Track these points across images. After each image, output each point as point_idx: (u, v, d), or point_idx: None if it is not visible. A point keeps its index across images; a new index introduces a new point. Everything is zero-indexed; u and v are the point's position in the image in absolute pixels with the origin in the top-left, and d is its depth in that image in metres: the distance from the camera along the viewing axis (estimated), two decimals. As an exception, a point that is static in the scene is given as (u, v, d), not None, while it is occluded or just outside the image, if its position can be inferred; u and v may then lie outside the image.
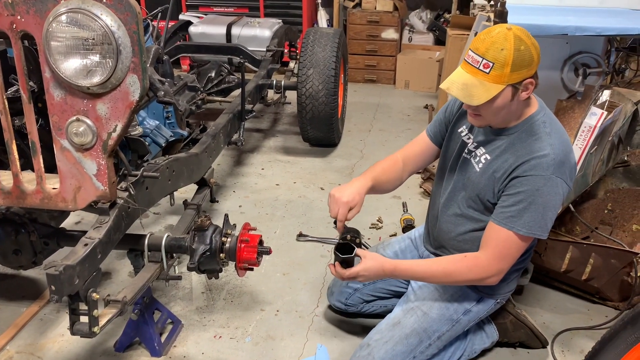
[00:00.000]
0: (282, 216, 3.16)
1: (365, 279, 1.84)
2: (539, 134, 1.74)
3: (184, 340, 2.24)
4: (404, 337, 1.91)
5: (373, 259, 1.82)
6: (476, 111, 1.74)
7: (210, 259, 1.97)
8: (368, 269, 1.80)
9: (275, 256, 2.76)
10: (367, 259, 1.81)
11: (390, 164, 2.11)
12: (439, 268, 1.82)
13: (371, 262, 1.81)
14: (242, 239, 1.96)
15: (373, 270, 1.81)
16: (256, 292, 2.53)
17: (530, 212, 1.69)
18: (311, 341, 2.25)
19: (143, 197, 1.90)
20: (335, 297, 2.32)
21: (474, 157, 1.89)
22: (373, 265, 1.81)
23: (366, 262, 1.81)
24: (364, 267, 1.80)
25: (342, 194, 1.93)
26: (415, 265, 1.86)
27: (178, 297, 2.49)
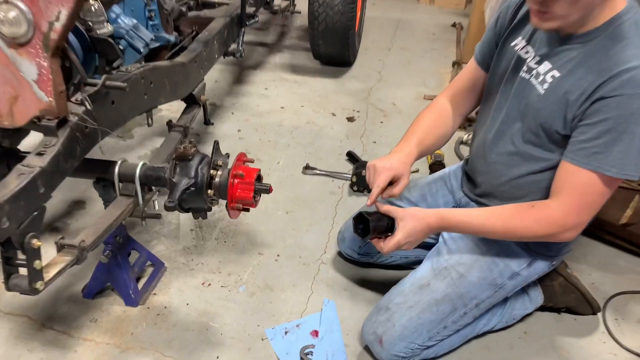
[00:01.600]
0: (286, 144, 2.74)
1: (412, 245, 1.46)
2: (629, 38, 1.26)
3: (166, 287, 1.89)
4: (434, 304, 1.54)
5: (413, 217, 1.43)
6: (544, 6, 1.25)
7: (195, 196, 1.57)
8: (411, 232, 1.42)
9: (278, 191, 2.37)
10: (406, 219, 1.42)
11: (434, 117, 1.68)
12: (498, 221, 1.42)
13: (412, 221, 1.42)
14: (236, 173, 1.55)
15: (417, 230, 1.42)
16: (254, 232, 2.16)
17: (621, 145, 1.26)
18: (317, 294, 1.89)
19: (107, 114, 1.47)
20: (348, 245, 1.94)
21: (535, 76, 1.43)
22: (415, 225, 1.42)
23: (406, 223, 1.42)
24: (406, 232, 1.42)
25: (383, 162, 1.55)
26: (467, 217, 1.45)
27: (162, 235, 2.12)
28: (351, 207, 2.31)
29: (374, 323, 1.60)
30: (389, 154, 1.56)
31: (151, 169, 1.63)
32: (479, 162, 1.61)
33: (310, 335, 1.74)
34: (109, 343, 1.69)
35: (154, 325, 1.75)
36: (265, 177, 2.52)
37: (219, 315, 1.79)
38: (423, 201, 1.80)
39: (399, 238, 1.42)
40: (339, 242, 1.99)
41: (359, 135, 2.85)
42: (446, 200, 1.77)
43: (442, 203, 1.78)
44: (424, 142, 1.59)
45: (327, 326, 1.76)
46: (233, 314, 1.80)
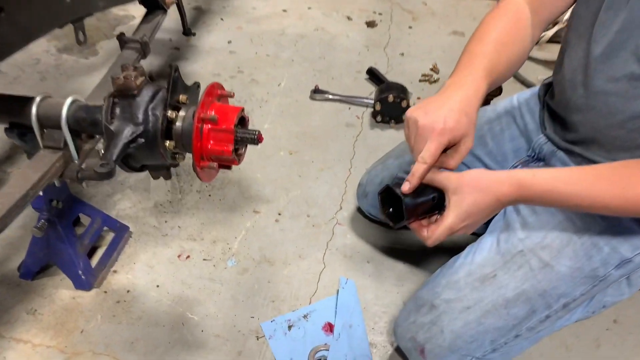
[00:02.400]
0: (289, 59, 2.15)
1: (472, 228, 0.94)
2: None
3: (130, 261, 1.42)
4: (502, 304, 1.05)
5: (475, 188, 0.90)
6: None
7: (145, 151, 1.06)
8: (470, 211, 0.90)
9: (279, 124, 1.83)
10: (463, 191, 0.90)
11: (508, 25, 1.07)
12: (612, 187, 0.89)
13: (472, 194, 0.90)
14: (206, 116, 1.02)
15: (481, 207, 0.90)
16: (247, 181, 1.65)
17: None
18: (331, 269, 1.42)
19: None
20: (371, 202, 1.44)
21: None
22: (478, 200, 0.90)
23: (462, 198, 0.90)
24: (463, 211, 0.90)
25: (432, 116, 0.93)
26: (562, 183, 0.91)
27: (127, 186, 1.62)
28: (374, 144, 1.78)
29: (413, 325, 1.12)
30: (441, 94, 0.97)
31: (84, 109, 1.10)
32: (576, 93, 1.05)
33: (323, 331, 1.28)
34: (50, 346, 1.24)
35: (112, 319, 1.29)
36: (263, 104, 1.99)
37: (200, 302, 1.33)
38: (480, 146, 1.26)
39: (452, 222, 0.90)
40: (360, 197, 1.48)
41: (381, 45, 2.25)
42: (516, 145, 1.23)
43: (509, 150, 1.24)
44: (495, 69, 1.01)
45: (345, 317, 1.30)
46: (219, 300, 1.34)
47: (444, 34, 2.31)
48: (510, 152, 1.23)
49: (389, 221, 0.96)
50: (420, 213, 0.93)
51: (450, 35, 2.31)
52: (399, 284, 1.38)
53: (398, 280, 1.39)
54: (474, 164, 1.27)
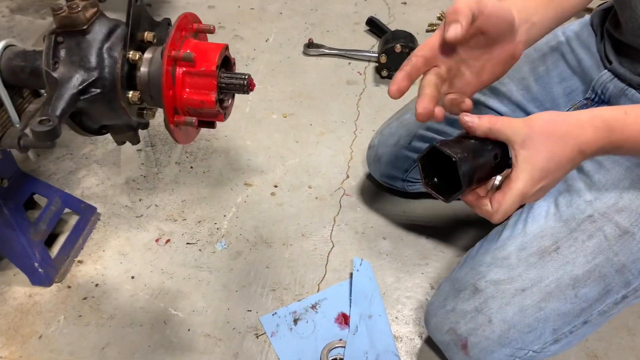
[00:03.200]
0: (277, 12, 1.89)
1: (547, 191, 0.69)
2: None
3: (98, 249, 1.18)
4: (570, 284, 0.83)
5: (551, 135, 0.65)
6: None
7: (102, 105, 0.81)
8: (547, 169, 0.65)
9: (269, 84, 1.58)
10: (534, 141, 0.65)
11: None
12: None
13: (548, 144, 0.65)
14: (178, 55, 0.77)
15: (561, 162, 0.66)
16: (236, 150, 1.41)
17: None
18: (340, 249, 1.19)
19: None
20: (385, 167, 1.20)
21: None
22: (555, 152, 0.65)
23: (535, 152, 0.65)
24: (538, 170, 0.65)
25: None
26: None
27: (94, 160, 1.37)
28: (381, 102, 1.54)
29: (451, 313, 0.90)
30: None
31: (22, 56, 0.85)
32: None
33: (337, 324, 1.05)
34: (1, 357, 1.01)
35: (77, 320, 1.06)
36: (249, 61, 1.73)
37: (185, 294, 1.10)
38: (522, 91, 1.02)
39: (524, 185, 0.65)
40: (371, 161, 1.24)
41: (380, -6, 1.99)
42: (569, 87, 0.99)
43: (560, 93, 1.00)
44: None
45: (362, 306, 1.07)
46: (208, 291, 1.10)
47: (448, -21, 2.06)
48: (561, 96, 0.99)
49: (437, 195, 0.70)
50: (478, 179, 0.68)
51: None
52: (423, 262, 1.16)
53: (422, 259, 1.16)
54: (515, 113, 1.04)
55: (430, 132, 1.12)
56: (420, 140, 1.13)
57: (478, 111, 1.07)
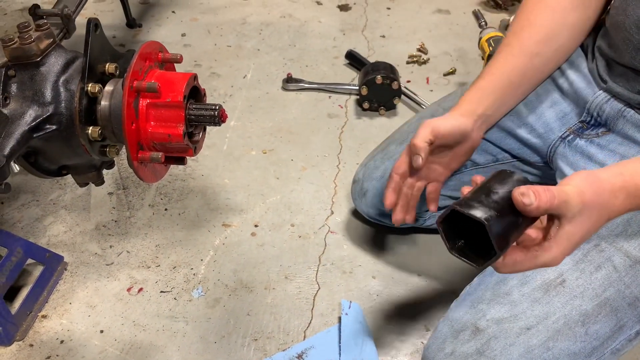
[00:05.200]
0: (254, 49, 1.85)
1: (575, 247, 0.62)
2: None
3: (64, 301, 1.08)
4: (579, 321, 0.76)
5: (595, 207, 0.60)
6: None
7: (59, 142, 0.74)
8: (579, 243, 0.61)
9: (247, 120, 1.53)
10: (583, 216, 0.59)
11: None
12: None
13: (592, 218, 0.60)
14: (140, 87, 0.70)
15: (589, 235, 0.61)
16: (213, 188, 1.33)
17: None
18: (327, 291, 1.10)
19: None
20: (371, 201, 1.13)
21: None
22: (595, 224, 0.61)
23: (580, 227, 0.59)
24: (573, 244, 0.60)
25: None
26: None
27: (62, 205, 1.29)
28: (364, 135, 1.49)
29: (450, 357, 0.82)
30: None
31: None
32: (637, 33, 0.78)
33: (325, 375, 0.96)
34: None
35: (38, 383, 0.95)
36: (227, 98, 1.67)
37: (159, 348, 1.00)
38: (514, 117, 0.97)
39: (551, 259, 0.60)
40: (356, 196, 1.17)
41: (358, 28, 1.97)
42: (561, 111, 0.94)
43: (553, 118, 0.94)
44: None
45: (354, 352, 0.98)
46: (184, 343, 1.01)
47: (427, 13, 2.05)
48: (554, 120, 0.94)
49: (469, 262, 0.61)
50: (510, 244, 0.60)
51: (434, 14, 2.05)
52: (417, 302, 1.08)
53: (415, 298, 1.09)
54: (506, 140, 0.99)
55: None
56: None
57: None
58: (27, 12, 1.59)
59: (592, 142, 0.87)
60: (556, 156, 0.93)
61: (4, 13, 2.01)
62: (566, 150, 0.91)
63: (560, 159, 0.92)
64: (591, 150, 0.87)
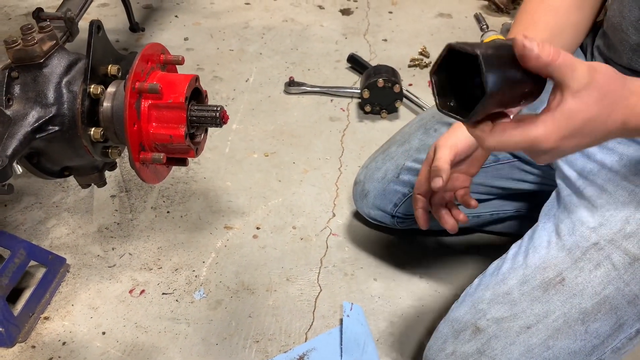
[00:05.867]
0: (257, 53, 1.86)
1: (558, 154, 0.58)
2: None
3: (66, 303, 1.09)
4: (579, 319, 0.75)
5: (607, 94, 0.56)
6: None
7: (61, 144, 0.75)
8: (584, 131, 0.56)
9: (249, 123, 1.54)
10: (591, 95, 0.55)
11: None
12: None
13: (600, 104, 0.55)
14: (142, 88, 0.71)
15: (598, 132, 0.57)
16: (215, 191, 1.34)
17: None
18: (328, 293, 1.11)
19: None
20: (373, 202, 1.13)
21: None
22: (605, 117, 0.56)
23: (586, 106, 0.55)
24: (576, 125, 0.56)
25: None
26: None
27: (64, 208, 1.29)
28: (365, 138, 1.49)
29: (451, 357, 0.82)
30: None
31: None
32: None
33: (327, 376, 0.96)
34: None
35: (40, 384, 0.96)
36: (229, 102, 1.68)
37: (160, 350, 1.00)
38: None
39: (544, 133, 0.56)
40: (357, 198, 1.18)
41: (360, 32, 1.98)
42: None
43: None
44: None
45: (355, 354, 0.98)
46: (185, 345, 1.01)
47: (429, 17, 2.06)
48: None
49: (455, 116, 0.56)
50: (505, 102, 0.54)
51: (436, 18, 2.06)
52: (418, 304, 1.08)
53: (416, 300, 1.09)
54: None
55: (419, 163, 1.06)
56: (408, 172, 1.07)
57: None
58: (31, 16, 1.61)
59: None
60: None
61: (8, 18, 2.03)
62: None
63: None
64: (590, 149, 0.87)
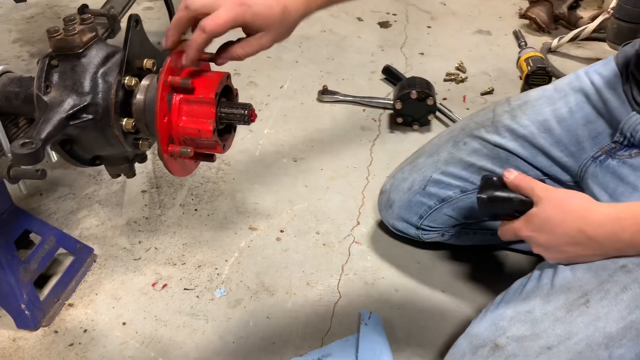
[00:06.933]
0: (293, 61, 1.89)
1: (554, 252, 0.80)
2: None
3: (91, 292, 1.11)
4: (602, 343, 0.73)
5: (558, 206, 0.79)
6: None
7: (93, 132, 0.77)
8: (543, 226, 0.79)
9: (281, 128, 1.55)
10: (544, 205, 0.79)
11: None
12: None
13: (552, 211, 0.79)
14: (175, 81, 0.73)
15: (558, 231, 0.78)
16: (243, 193, 1.35)
17: None
18: (347, 299, 1.10)
19: None
20: (398, 212, 1.13)
21: None
22: (559, 220, 0.78)
23: (542, 211, 0.80)
24: (536, 223, 0.80)
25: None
26: None
27: (96, 200, 1.33)
28: (396, 149, 1.49)
29: (468, 374, 0.80)
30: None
31: (17, 82, 0.82)
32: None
33: (340, 383, 0.96)
34: (-26, 406, 0.93)
35: (60, 368, 0.98)
36: (262, 107, 1.70)
37: (178, 344, 1.01)
38: (544, 134, 0.96)
39: (519, 225, 0.82)
40: (383, 207, 1.17)
41: (397, 45, 1.98)
42: (594, 130, 0.92)
43: (585, 136, 0.93)
44: None
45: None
46: (202, 341, 1.02)
47: (467, 33, 2.05)
48: (587, 139, 0.93)
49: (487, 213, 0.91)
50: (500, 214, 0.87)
51: (475, 35, 2.04)
52: (438, 317, 1.06)
53: (437, 313, 1.07)
54: (537, 157, 0.97)
55: (446, 176, 1.05)
56: (435, 185, 1.06)
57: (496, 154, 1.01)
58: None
59: (624, 163, 0.85)
60: (587, 176, 0.91)
61: (57, 16, 2.11)
62: (597, 170, 0.89)
63: (591, 179, 0.90)
64: (623, 172, 0.84)
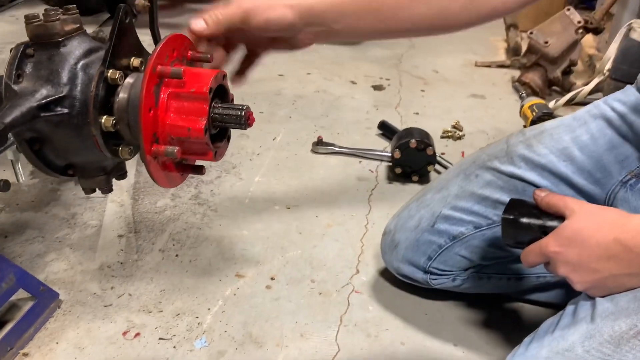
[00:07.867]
0: (286, 116, 1.84)
1: (582, 273, 0.69)
2: None
3: (50, 340, 0.96)
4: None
5: (590, 216, 0.71)
6: None
7: (68, 130, 0.67)
8: (574, 238, 0.70)
9: (273, 177, 1.47)
10: (576, 217, 0.72)
11: None
12: None
13: (583, 221, 0.71)
14: (164, 72, 0.65)
15: (590, 243, 0.68)
16: (230, 238, 1.24)
17: None
18: (347, 352, 0.96)
19: None
20: (404, 255, 1.02)
21: None
22: (591, 231, 0.69)
23: (572, 222, 0.72)
24: (564, 236, 0.71)
25: None
26: None
27: (68, 244, 1.20)
28: (395, 199, 1.39)
29: None
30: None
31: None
32: None
33: None
34: None
35: None
36: (254, 157, 1.61)
37: (147, 401, 0.86)
38: (566, 162, 0.88)
39: (545, 241, 0.72)
40: (386, 250, 1.06)
41: (392, 105, 1.95)
42: (621, 154, 0.85)
43: (611, 161, 0.86)
44: None
45: None
46: (177, 398, 0.86)
47: (461, 96, 2.04)
48: (613, 164, 0.85)
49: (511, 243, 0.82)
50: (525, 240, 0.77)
51: (469, 98, 2.03)
52: (451, 376, 0.92)
53: (450, 370, 0.93)
54: (559, 187, 0.89)
55: (457, 211, 0.96)
56: (445, 221, 0.97)
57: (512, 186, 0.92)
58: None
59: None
60: (616, 202, 0.83)
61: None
62: (628, 194, 0.81)
63: (622, 204, 0.82)
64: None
